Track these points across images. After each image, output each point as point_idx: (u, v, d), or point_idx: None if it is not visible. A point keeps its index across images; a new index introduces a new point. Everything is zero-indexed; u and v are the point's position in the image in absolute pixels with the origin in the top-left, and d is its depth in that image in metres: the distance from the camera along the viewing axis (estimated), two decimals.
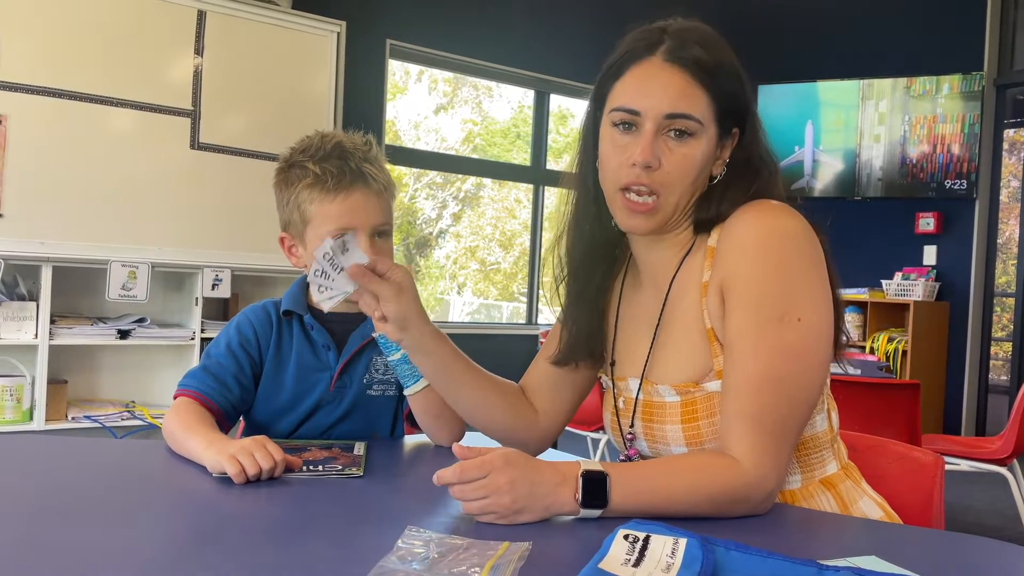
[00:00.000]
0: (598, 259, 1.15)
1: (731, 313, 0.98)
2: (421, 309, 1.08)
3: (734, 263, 0.99)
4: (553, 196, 6.62)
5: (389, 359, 1.27)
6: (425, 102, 7.03)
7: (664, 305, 1.08)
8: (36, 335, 3.40)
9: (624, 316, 1.15)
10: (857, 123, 5.62)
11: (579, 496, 0.87)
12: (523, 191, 6.80)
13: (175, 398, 1.24)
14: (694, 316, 1.04)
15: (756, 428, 0.93)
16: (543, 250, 1.34)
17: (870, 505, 1.05)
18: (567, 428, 3.78)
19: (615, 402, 1.14)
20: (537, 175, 6.16)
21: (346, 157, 1.26)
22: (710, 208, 1.05)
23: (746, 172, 1.05)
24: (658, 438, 1.05)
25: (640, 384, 1.08)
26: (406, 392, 1.26)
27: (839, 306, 1.02)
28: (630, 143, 1.01)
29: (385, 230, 1.29)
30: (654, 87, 1.01)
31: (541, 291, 6.26)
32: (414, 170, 6.69)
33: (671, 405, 1.04)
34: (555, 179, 6.57)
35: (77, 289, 3.63)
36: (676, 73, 1.00)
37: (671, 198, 1.02)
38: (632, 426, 1.09)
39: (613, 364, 1.15)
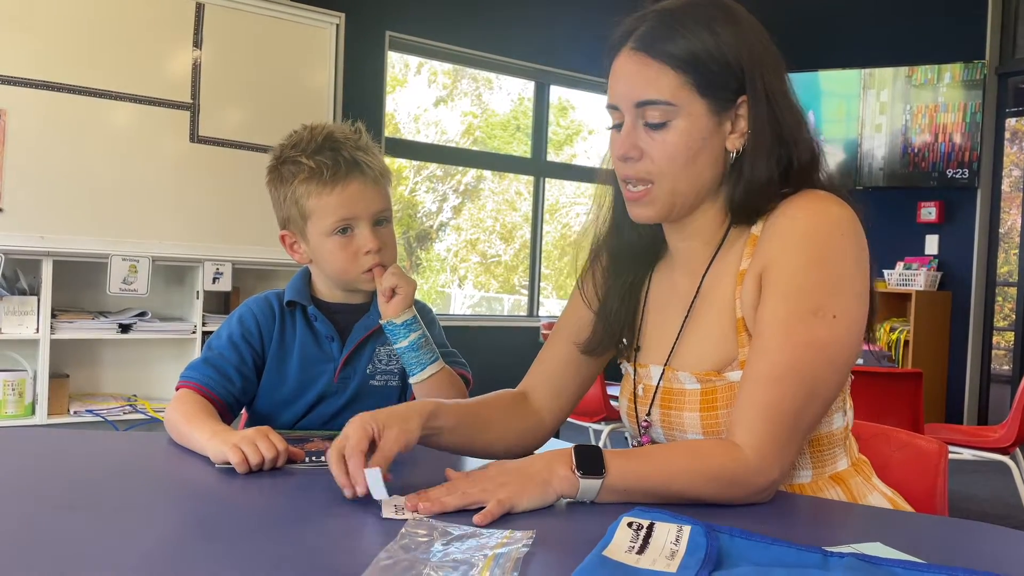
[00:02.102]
0: (638, 254, 1.13)
1: (766, 301, 0.96)
2: (405, 425, 0.95)
3: (777, 251, 0.96)
4: (554, 188, 6.61)
5: (396, 347, 1.26)
6: (425, 95, 7.02)
7: (697, 293, 1.06)
8: (37, 329, 3.40)
9: (653, 302, 1.13)
10: (858, 112, 5.61)
11: (575, 466, 0.87)
12: (523, 183, 6.80)
13: (177, 390, 1.24)
14: (725, 305, 1.02)
15: (767, 418, 0.91)
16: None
17: (879, 500, 1.04)
18: (568, 419, 3.79)
19: (635, 389, 1.12)
20: (537, 167, 6.15)
21: (338, 148, 1.25)
22: (737, 186, 1.01)
23: (769, 140, 0.99)
24: (675, 425, 1.04)
25: (662, 371, 1.07)
26: (412, 380, 1.26)
27: (873, 301, 0.99)
28: (617, 138, 1.01)
29: (385, 217, 1.29)
30: (623, 78, 1.00)
31: (542, 283, 6.25)
32: (414, 163, 6.69)
33: (690, 392, 1.02)
34: (555, 171, 6.57)
35: (78, 283, 3.63)
36: (640, 59, 0.98)
37: (665, 185, 1.00)
38: (649, 414, 1.08)
39: (638, 350, 1.13)
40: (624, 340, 1.14)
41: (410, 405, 0.99)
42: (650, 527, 0.73)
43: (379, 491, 0.85)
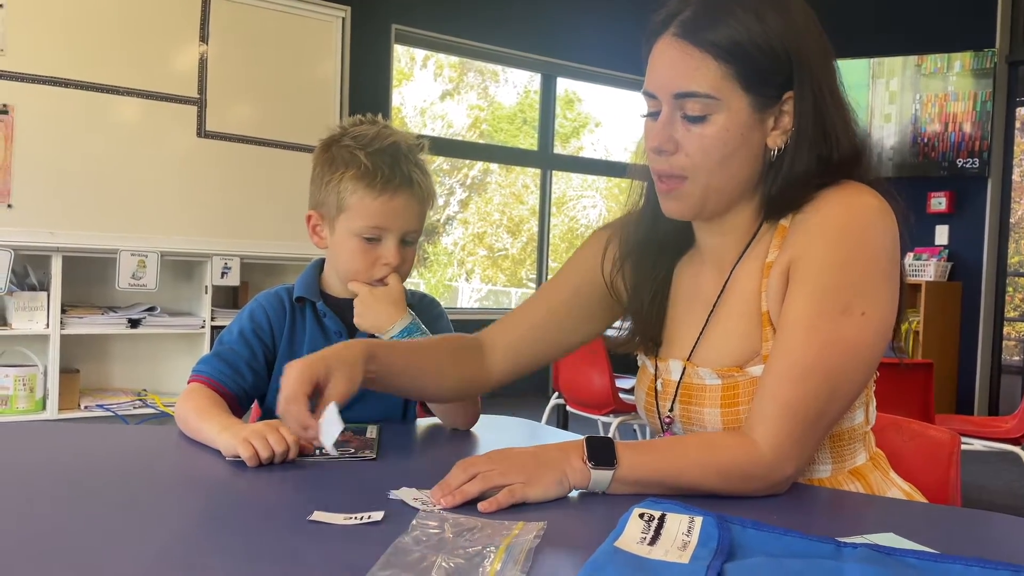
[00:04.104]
0: (668, 246, 1.10)
1: (794, 296, 0.93)
2: (349, 373, 0.97)
3: (808, 245, 0.93)
4: (561, 181, 6.59)
5: None
6: (431, 88, 7.01)
7: (723, 288, 1.03)
8: (47, 325, 3.41)
9: (676, 296, 1.10)
10: (868, 102, 5.57)
11: (586, 457, 0.87)
12: (530, 176, 6.79)
13: (188, 383, 1.24)
14: (751, 299, 0.99)
15: (786, 415, 0.89)
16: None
17: (898, 496, 1.03)
18: (577, 411, 3.76)
19: (656, 384, 1.09)
20: (544, 160, 6.13)
21: (399, 157, 1.24)
22: (775, 183, 0.97)
23: (813, 138, 0.95)
24: (695, 420, 1.02)
25: (683, 367, 1.04)
26: None
27: (903, 296, 0.96)
28: (652, 128, 0.97)
29: (415, 237, 1.29)
30: (662, 67, 0.95)
31: (549, 276, 6.25)
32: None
33: (711, 388, 1.00)
34: (562, 164, 6.55)
35: (87, 278, 3.65)
36: (683, 48, 0.93)
37: (699, 180, 0.96)
38: (672, 409, 1.05)
39: (659, 345, 1.10)
40: (649, 337, 1.11)
41: (350, 347, 1.00)
42: (662, 518, 0.72)
43: (331, 431, 0.86)
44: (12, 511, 0.80)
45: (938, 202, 5.42)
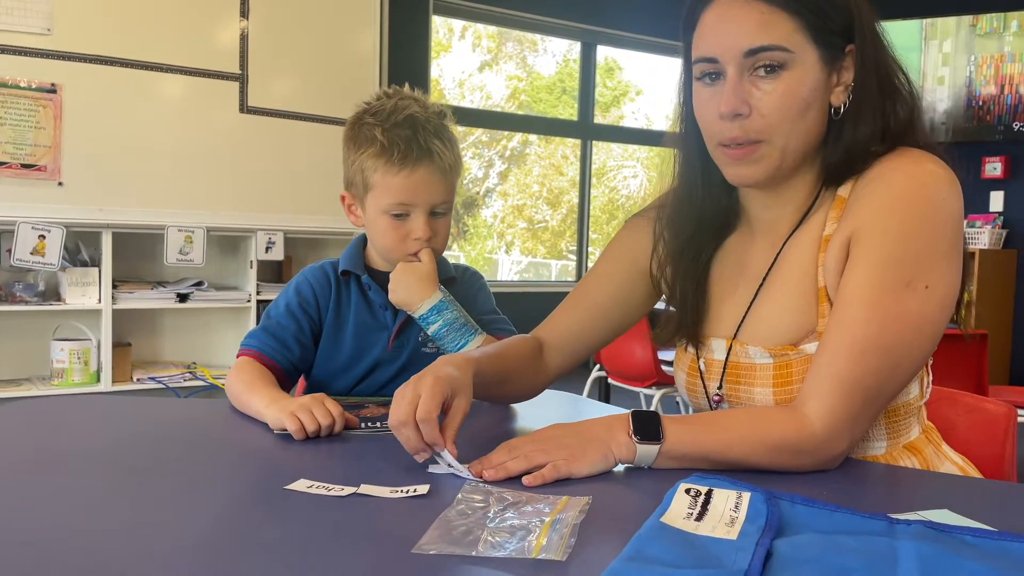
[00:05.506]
0: (710, 227, 1.06)
1: (855, 269, 0.90)
2: (468, 391, 0.93)
3: (870, 216, 0.90)
4: (601, 151, 6.51)
5: (429, 331, 1.27)
6: (469, 59, 6.96)
7: (774, 262, 1.00)
8: (100, 300, 3.50)
9: (719, 274, 1.07)
10: (920, 65, 5.39)
11: (632, 431, 0.86)
12: (570, 147, 6.72)
13: (237, 357, 1.27)
14: (805, 273, 0.96)
15: (843, 391, 0.87)
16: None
17: (951, 470, 1.01)
18: (618, 384, 3.75)
19: (699, 364, 1.06)
20: (584, 130, 6.07)
21: (416, 130, 1.23)
22: (838, 146, 0.94)
23: (874, 94, 0.93)
24: (744, 401, 1.00)
25: (730, 345, 1.01)
26: None
27: (966, 266, 0.94)
28: (716, 94, 0.93)
29: (444, 209, 1.28)
30: (727, 26, 0.91)
31: (590, 248, 6.21)
32: (460, 129, 6.66)
33: (762, 367, 0.97)
34: (603, 133, 6.47)
35: (136, 254, 3.73)
36: (750, 4, 0.90)
37: (777, 141, 0.92)
38: (720, 387, 1.03)
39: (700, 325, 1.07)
40: (694, 321, 1.08)
41: (460, 366, 0.93)
42: (708, 494, 0.72)
43: (457, 467, 0.86)
44: (70, 480, 0.82)
45: (993, 167, 5.24)
